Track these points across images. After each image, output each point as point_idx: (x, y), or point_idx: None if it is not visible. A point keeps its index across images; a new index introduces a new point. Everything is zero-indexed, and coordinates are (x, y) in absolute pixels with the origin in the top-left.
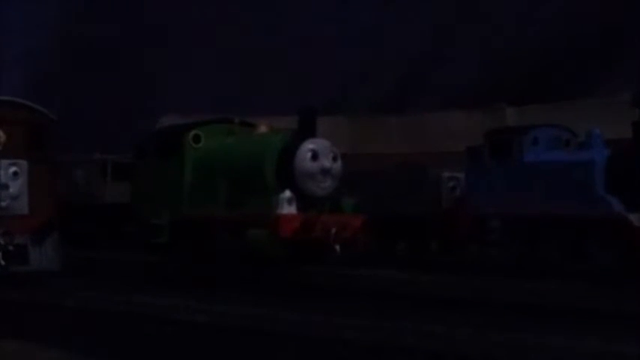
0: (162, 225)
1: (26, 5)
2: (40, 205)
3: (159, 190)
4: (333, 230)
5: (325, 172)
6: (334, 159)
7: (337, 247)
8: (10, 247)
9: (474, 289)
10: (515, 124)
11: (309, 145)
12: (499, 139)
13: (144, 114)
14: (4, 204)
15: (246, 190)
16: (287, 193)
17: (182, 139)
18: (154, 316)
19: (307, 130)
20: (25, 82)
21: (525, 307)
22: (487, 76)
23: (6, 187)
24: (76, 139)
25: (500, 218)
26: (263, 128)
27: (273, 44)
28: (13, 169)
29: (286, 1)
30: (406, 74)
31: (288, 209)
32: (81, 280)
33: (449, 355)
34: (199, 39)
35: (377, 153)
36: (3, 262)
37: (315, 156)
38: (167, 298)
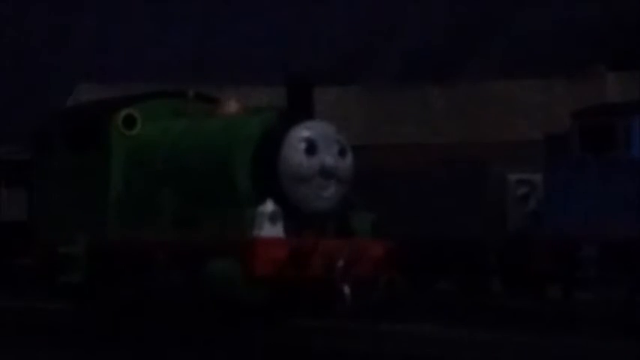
0: (77, 255)
1: None
2: None
3: (71, 202)
4: (341, 263)
5: (327, 172)
6: (341, 153)
7: (347, 290)
8: None
9: (559, 352)
10: (620, 100)
11: (302, 132)
12: (595, 123)
13: (49, 85)
14: None
15: (204, 201)
16: (268, 206)
17: (107, 122)
18: None
19: (300, 109)
20: None
21: None
22: (572, 34)
23: None
24: None
25: (597, 243)
26: (231, 106)
27: None
28: None
29: None
30: (453, 26)
31: (271, 230)
32: None
33: None
34: None
35: (408, 143)
36: None
37: (311, 148)
38: None
